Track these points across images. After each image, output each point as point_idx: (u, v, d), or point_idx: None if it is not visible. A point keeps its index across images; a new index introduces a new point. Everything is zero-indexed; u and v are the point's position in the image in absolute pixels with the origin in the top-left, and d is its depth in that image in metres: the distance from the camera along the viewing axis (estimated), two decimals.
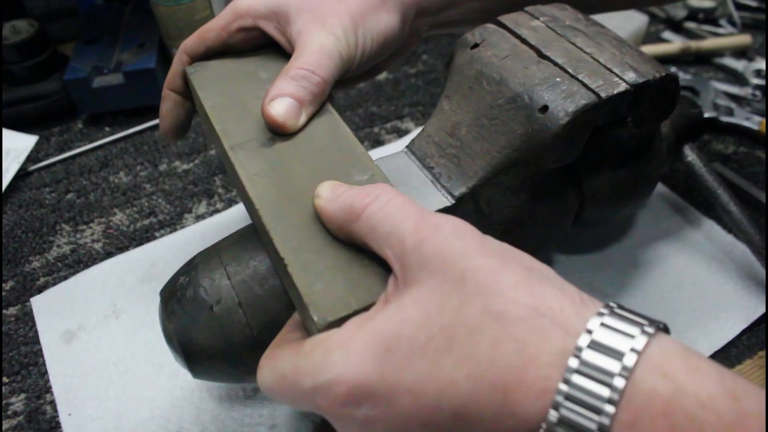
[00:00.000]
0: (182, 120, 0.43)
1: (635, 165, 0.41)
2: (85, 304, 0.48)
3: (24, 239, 0.54)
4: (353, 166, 0.33)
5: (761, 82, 0.65)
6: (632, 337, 0.21)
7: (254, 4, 0.38)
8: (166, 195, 0.58)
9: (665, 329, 0.22)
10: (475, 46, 0.37)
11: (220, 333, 0.32)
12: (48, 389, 0.44)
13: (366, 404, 0.23)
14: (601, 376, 0.20)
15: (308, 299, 0.26)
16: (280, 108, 0.34)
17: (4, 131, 0.62)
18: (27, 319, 0.48)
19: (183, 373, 0.43)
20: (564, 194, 0.40)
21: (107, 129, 0.65)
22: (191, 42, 0.40)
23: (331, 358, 0.24)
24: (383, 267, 0.27)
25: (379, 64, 0.43)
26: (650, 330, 0.21)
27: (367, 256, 0.28)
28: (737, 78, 0.67)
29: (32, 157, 0.61)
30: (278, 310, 0.32)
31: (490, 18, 0.39)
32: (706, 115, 0.60)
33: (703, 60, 0.70)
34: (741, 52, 0.70)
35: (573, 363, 0.20)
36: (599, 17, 0.44)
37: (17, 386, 0.44)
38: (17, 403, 0.43)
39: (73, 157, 0.62)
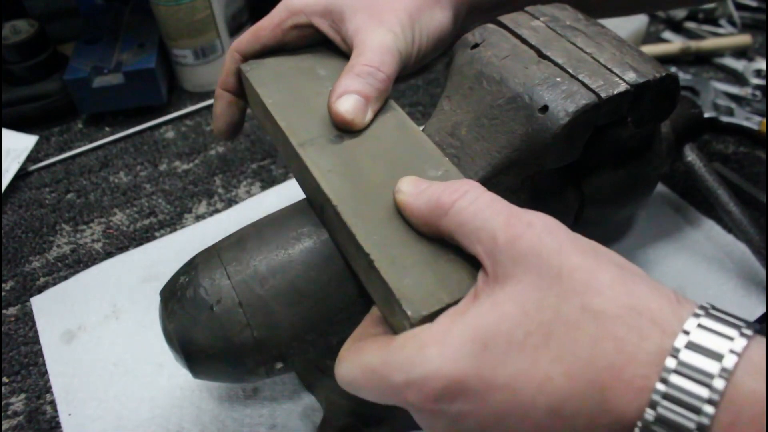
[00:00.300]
0: (237, 119, 0.43)
1: (635, 165, 0.41)
2: (85, 304, 0.48)
3: (24, 239, 0.54)
4: (425, 161, 0.33)
5: (761, 82, 0.65)
6: (731, 338, 0.20)
7: (308, 1, 0.39)
8: (166, 195, 0.58)
9: (760, 331, 0.22)
10: (476, 46, 0.37)
11: (220, 333, 0.32)
12: (48, 389, 0.44)
13: (460, 400, 0.23)
14: (700, 377, 0.20)
15: (399, 294, 0.26)
16: (348, 105, 0.34)
17: (4, 131, 0.62)
18: (27, 319, 0.48)
19: (183, 373, 0.43)
20: (564, 194, 0.40)
21: (107, 129, 0.65)
22: (245, 40, 0.40)
23: (425, 353, 0.24)
24: (469, 261, 0.27)
25: (429, 61, 0.43)
26: (748, 332, 0.21)
27: (452, 251, 0.28)
28: (737, 78, 0.67)
29: (32, 157, 0.61)
30: (278, 310, 0.32)
31: None
32: (706, 115, 0.60)
33: (703, 60, 0.70)
34: (741, 52, 0.70)
35: (671, 363, 0.20)
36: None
37: (17, 386, 0.44)
38: (17, 403, 0.43)
39: (73, 157, 0.62)
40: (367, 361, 0.26)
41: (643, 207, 0.53)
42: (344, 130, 0.35)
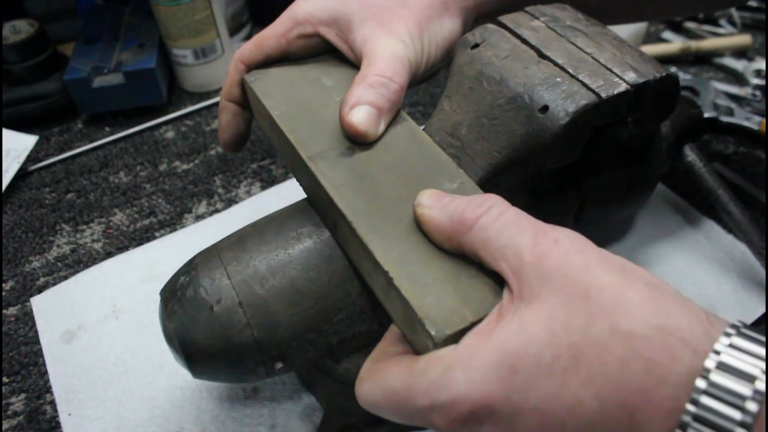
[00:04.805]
0: (242, 131, 0.42)
1: (635, 165, 0.41)
2: (85, 304, 0.48)
3: (24, 239, 0.54)
4: (440, 173, 0.32)
5: (761, 82, 0.65)
6: (763, 359, 0.20)
7: (314, 10, 0.38)
8: (166, 195, 0.58)
9: None
10: (476, 46, 0.37)
11: (220, 333, 0.32)
12: (48, 389, 0.44)
13: (487, 424, 0.23)
14: (733, 399, 0.20)
15: (422, 312, 0.25)
16: (361, 116, 0.33)
17: (4, 131, 0.62)
18: (27, 319, 0.48)
19: (183, 373, 0.43)
20: (564, 194, 0.40)
21: (107, 129, 0.65)
22: (248, 50, 0.39)
23: (451, 376, 0.23)
24: (492, 278, 0.27)
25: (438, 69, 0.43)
26: None
27: (473, 267, 0.27)
28: (737, 78, 0.67)
29: (32, 157, 0.61)
30: (278, 310, 0.32)
31: None
32: (706, 115, 0.60)
33: (703, 60, 0.70)
34: (741, 52, 0.70)
35: (701, 384, 0.20)
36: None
37: (17, 386, 0.44)
38: (17, 403, 0.43)
39: (73, 157, 0.62)
40: (390, 383, 0.26)
41: (643, 207, 0.53)
42: (356, 142, 0.34)
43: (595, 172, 0.40)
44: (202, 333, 0.32)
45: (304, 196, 0.37)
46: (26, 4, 0.73)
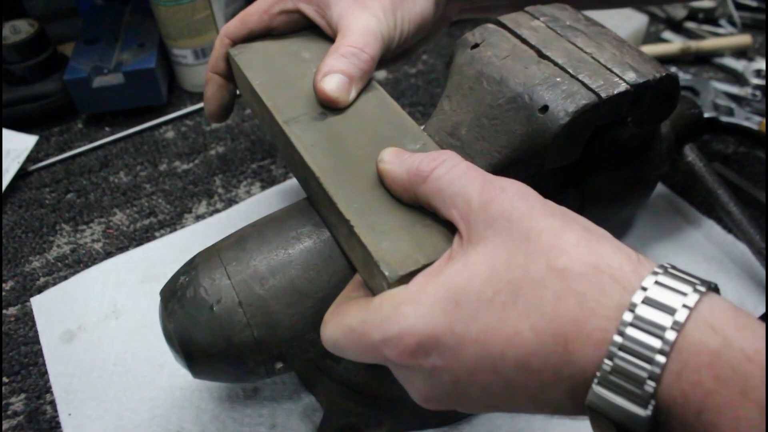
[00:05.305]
0: (227, 102, 0.45)
1: (635, 165, 0.41)
2: (85, 304, 0.48)
3: (24, 239, 0.54)
4: (405, 136, 0.34)
5: (761, 82, 0.65)
6: (684, 294, 0.21)
7: None
8: (166, 195, 0.58)
9: (716, 289, 0.23)
10: (476, 46, 0.37)
11: (220, 333, 0.32)
12: (48, 389, 0.44)
13: (434, 354, 0.25)
14: (654, 330, 0.21)
15: (378, 256, 0.28)
16: (333, 83, 0.35)
17: (4, 131, 0.62)
18: (27, 319, 0.48)
19: (183, 373, 0.43)
20: (564, 194, 0.40)
21: (107, 129, 0.65)
22: (233, 26, 0.42)
23: (401, 311, 0.25)
24: (445, 227, 0.29)
25: (412, 46, 0.45)
26: (702, 289, 0.22)
27: (429, 217, 0.29)
28: (737, 78, 0.67)
29: (32, 157, 0.61)
30: (278, 310, 0.32)
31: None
32: (706, 115, 0.60)
33: (703, 60, 0.70)
34: (741, 52, 0.70)
35: (628, 317, 0.21)
36: (599, 17, 0.44)
37: (17, 386, 0.44)
38: (17, 403, 0.43)
39: (73, 157, 0.62)
40: (347, 321, 0.28)
41: (643, 207, 0.53)
42: (329, 107, 0.36)
43: (595, 172, 0.40)
44: (202, 333, 0.32)
45: (304, 196, 0.37)
46: (26, 4, 0.73)
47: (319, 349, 0.34)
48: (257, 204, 0.56)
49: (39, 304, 0.49)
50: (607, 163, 0.39)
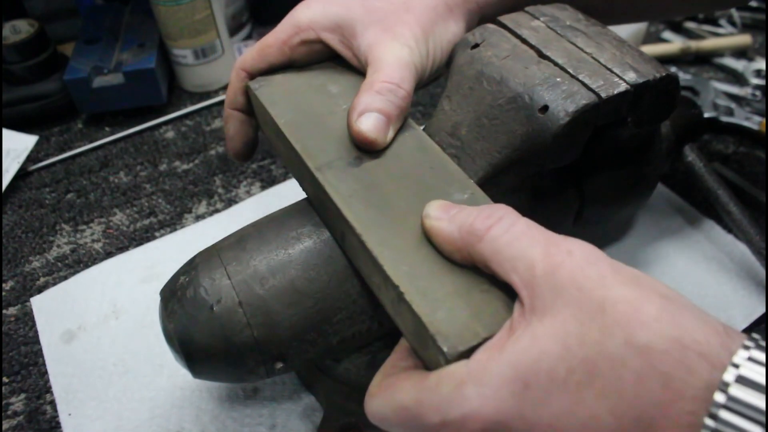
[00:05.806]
0: (251, 138, 0.42)
1: (635, 165, 0.41)
2: (85, 304, 0.48)
3: (24, 239, 0.54)
4: (450, 184, 0.32)
5: (761, 82, 0.65)
6: None
7: (316, 17, 0.37)
8: (166, 195, 0.58)
9: None
10: (476, 46, 0.37)
11: (220, 333, 0.32)
12: (48, 389, 0.44)
13: None
14: (751, 413, 0.19)
15: (433, 328, 0.25)
16: (370, 123, 0.33)
17: (4, 131, 0.62)
18: (27, 319, 0.48)
19: (183, 373, 0.43)
20: (564, 194, 0.40)
21: (107, 129, 0.65)
22: (250, 58, 0.39)
23: (463, 392, 0.23)
24: (504, 291, 0.26)
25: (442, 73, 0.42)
26: None
27: (485, 280, 0.27)
28: (737, 78, 0.67)
29: (32, 157, 0.61)
30: (278, 310, 0.32)
31: None
32: (706, 115, 0.60)
33: (703, 60, 0.70)
34: (741, 52, 0.70)
35: (720, 398, 0.20)
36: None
37: (17, 386, 0.44)
38: (17, 403, 0.43)
39: (73, 157, 0.62)
40: (399, 399, 0.25)
41: (643, 207, 0.53)
42: (365, 150, 0.33)
43: (595, 172, 0.40)
44: (202, 333, 0.32)
45: (304, 196, 0.37)
46: (26, 4, 0.73)
47: (319, 349, 0.34)
48: (257, 204, 0.56)
49: (39, 304, 0.49)
50: (607, 163, 0.39)
